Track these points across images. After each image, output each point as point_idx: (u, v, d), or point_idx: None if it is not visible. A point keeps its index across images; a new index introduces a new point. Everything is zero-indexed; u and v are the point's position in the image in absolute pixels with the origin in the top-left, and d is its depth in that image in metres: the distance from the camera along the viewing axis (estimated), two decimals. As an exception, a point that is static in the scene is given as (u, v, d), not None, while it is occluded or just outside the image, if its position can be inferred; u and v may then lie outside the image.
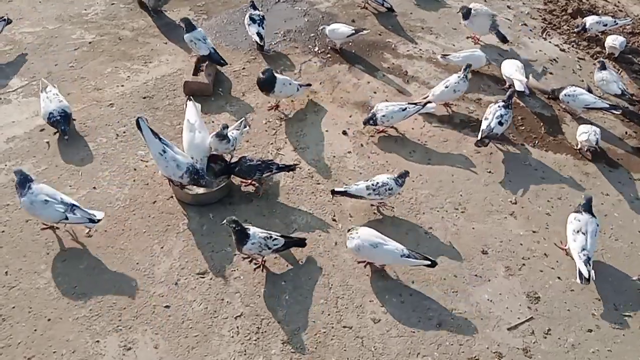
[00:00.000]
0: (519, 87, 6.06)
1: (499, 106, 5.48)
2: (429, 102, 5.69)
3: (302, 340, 3.99)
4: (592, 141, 5.48)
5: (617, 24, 7.34)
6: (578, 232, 4.51)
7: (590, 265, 4.35)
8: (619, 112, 5.96)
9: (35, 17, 7.05)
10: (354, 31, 6.58)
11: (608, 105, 5.87)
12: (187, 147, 4.85)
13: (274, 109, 5.84)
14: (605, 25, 7.25)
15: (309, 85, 6.01)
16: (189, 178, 4.58)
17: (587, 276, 4.29)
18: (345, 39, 6.67)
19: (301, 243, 4.42)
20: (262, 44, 6.58)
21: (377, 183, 4.67)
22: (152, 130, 4.60)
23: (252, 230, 4.19)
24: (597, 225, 4.58)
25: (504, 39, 6.94)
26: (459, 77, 5.77)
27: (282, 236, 4.30)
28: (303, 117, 5.84)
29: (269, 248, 4.20)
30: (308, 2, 7.69)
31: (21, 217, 4.64)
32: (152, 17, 6.80)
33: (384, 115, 5.45)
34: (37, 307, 4.07)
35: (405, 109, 5.52)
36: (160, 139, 4.63)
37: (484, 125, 5.45)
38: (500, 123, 5.38)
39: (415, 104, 5.64)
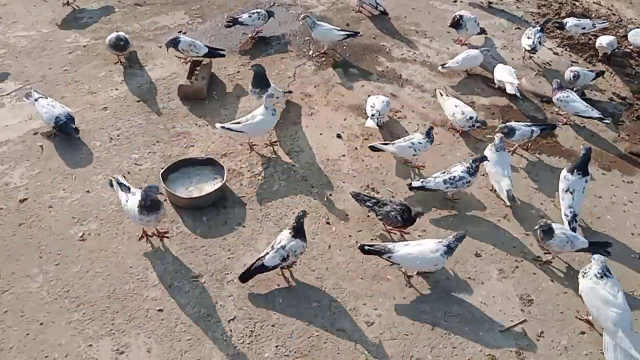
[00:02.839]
0: (510, 90, 6.12)
1: (536, 30, 6.80)
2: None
3: (295, 343, 3.98)
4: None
5: (595, 27, 7.34)
6: (567, 191, 4.86)
7: (576, 222, 4.70)
8: (608, 122, 5.91)
9: (30, 21, 7.05)
10: (345, 35, 6.59)
11: (598, 115, 5.81)
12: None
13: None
14: (584, 28, 7.26)
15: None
16: (145, 213, 4.25)
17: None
18: (333, 42, 6.67)
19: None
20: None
21: (455, 177, 4.82)
22: (121, 185, 4.43)
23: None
24: (586, 182, 4.88)
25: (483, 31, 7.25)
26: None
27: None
28: (297, 120, 5.85)
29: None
30: (303, 5, 7.72)
31: (14, 220, 4.63)
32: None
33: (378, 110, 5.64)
34: (29, 311, 4.05)
35: (372, 107, 5.69)
36: (128, 190, 4.42)
37: (528, 42, 6.77)
38: (540, 42, 6.78)
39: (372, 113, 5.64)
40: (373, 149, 5.30)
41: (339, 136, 5.70)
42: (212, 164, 5.13)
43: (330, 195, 5.07)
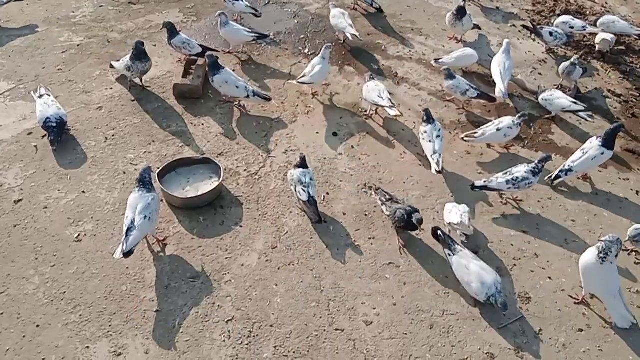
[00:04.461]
0: (498, 93, 6.03)
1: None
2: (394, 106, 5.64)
3: (294, 343, 3.97)
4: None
5: (585, 29, 7.29)
6: (582, 150, 5.23)
7: (566, 175, 5.15)
8: (590, 118, 5.85)
9: (23, 20, 6.99)
10: (255, 36, 6.55)
11: (582, 108, 5.81)
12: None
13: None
14: (572, 28, 7.20)
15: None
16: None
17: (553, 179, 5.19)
18: (242, 43, 6.64)
19: (317, 218, 4.71)
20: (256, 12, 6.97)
21: (517, 178, 4.86)
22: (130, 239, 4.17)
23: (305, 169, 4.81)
24: (602, 154, 5.16)
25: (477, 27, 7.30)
26: (513, 122, 5.47)
27: (309, 194, 4.70)
28: (293, 119, 5.83)
29: (295, 190, 4.74)
30: (298, 3, 7.69)
31: (9, 222, 4.59)
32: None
33: (367, 85, 5.85)
34: (25, 313, 4.02)
35: (381, 97, 5.68)
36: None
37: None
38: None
39: (392, 102, 5.66)
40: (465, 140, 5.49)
41: (335, 134, 5.69)
42: (208, 163, 5.10)
43: (328, 194, 5.05)
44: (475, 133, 5.51)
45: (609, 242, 4.09)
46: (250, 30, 6.61)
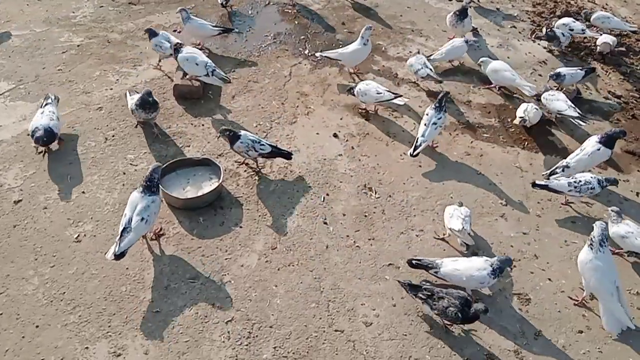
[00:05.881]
0: (528, 93, 6.09)
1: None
2: (400, 95, 5.81)
3: (293, 344, 3.97)
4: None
5: (584, 32, 7.28)
6: (580, 148, 5.28)
7: (562, 172, 5.12)
8: (583, 124, 5.79)
9: (23, 20, 7.00)
10: (220, 31, 6.55)
11: (577, 115, 5.79)
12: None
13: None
14: (572, 30, 7.20)
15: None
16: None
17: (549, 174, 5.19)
18: (206, 37, 6.61)
19: (287, 156, 5.11)
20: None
21: (580, 182, 4.85)
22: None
23: (243, 133, 5.01)
24: (599, 150, 5.14)
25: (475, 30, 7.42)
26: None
27: (270, 145, 5.03)
28: (294, 119, 5.83)
29: (256, 150, 4.93)
30: (298, 4, 7.69)
31: (9, 222, 4.59)
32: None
33: (359, 89, 5.76)
34: (25, 313, 4.01)
35: (380, 93, 5.73)
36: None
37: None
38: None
39: (393, 93, 5.79)
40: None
41: (335, 135, 5.69)
42: (208, 164, 5.10)
43: (327, 195, 5.05)
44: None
45: (595, 226, 4.19)
46: (214, 25, 6.61)
